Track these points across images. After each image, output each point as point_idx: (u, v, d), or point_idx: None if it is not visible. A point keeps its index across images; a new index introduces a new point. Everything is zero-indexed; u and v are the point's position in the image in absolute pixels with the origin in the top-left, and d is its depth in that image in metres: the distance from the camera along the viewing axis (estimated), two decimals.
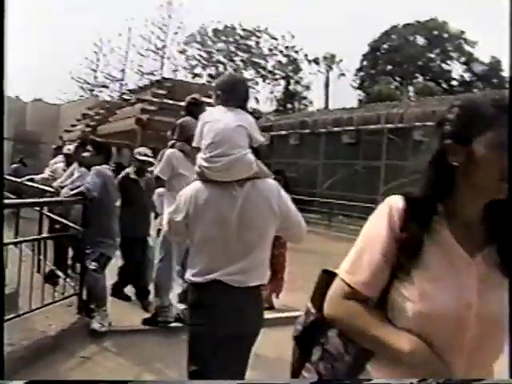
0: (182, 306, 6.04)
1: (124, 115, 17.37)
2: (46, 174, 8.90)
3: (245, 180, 3.02)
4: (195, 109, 6.25)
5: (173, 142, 6.00)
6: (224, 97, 3.21)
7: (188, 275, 3.06)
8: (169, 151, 5.91)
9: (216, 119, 3.10)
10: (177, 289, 6.08)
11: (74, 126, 23.17)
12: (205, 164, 3.02)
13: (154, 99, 15.92)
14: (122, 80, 44.50)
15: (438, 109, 18.97)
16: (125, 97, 26.90)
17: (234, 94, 3.22)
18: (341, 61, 51.62)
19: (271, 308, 7.40)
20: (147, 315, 6.08)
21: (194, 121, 6.10)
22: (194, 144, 3.22)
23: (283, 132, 25.66)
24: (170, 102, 15.62)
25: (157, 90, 16.92)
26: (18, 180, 9.29)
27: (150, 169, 7.06)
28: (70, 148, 7.87)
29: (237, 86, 3.31)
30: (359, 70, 52.41)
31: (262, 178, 3.09)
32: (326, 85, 51.31)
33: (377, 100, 27.95)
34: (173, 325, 5.94)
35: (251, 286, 2.98)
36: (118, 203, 6.51)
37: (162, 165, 5.85)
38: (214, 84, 3.46)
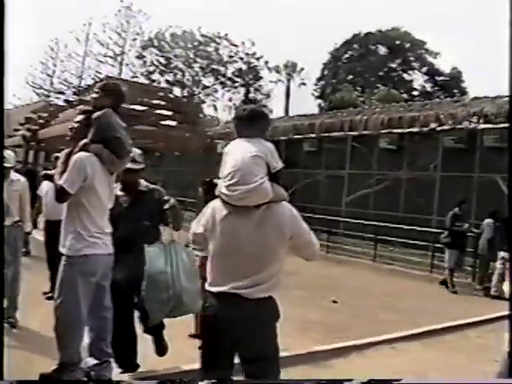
0: (92, 361, 4.58)
1: (65, 118, 15.77)
2: None
3: (261, 204, 3.29)
4: (117, 99, 4.82)
5: (84, 142, 4.49)
6: (243, 128, 3.45)
7: (208, 285, 3.40)
8: (82, 155, 4.40)
9: (235, 150, 3.36)
10: (86, 337, 4.59)
11: (16, 130, 21.52)
12: (225, 191, 3.29)
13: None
14: (80, 86, 42.79)
15: (405, 115, 17.95)
16: (68, 99, 25.50)
17: (252, 126, 3.44)
18: (302, 69, 51.14)
19: None
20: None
21: (116, 117, 4.61)
22: (220, 175, 3.40)
23: None
24: None
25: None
26: None
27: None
28: None
29: (255, 119, 3.50)
30: (320, 78, 51.80)
31: (277, 202, 3.36)
32: (287, 93, 50.72)
33: (339, 107, 26.82)
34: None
35: (260, 297, 3.28)
36: None
37: (70, 173, 4.32)
38: (232, 116, 3.75)
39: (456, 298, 11.54)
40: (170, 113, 16.30)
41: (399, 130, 17.77)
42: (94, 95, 4.77)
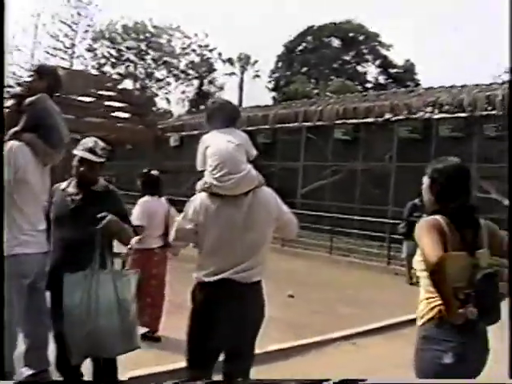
0: (28, 372, 4.12)
1: None
2: None
3: (248, 191, 3.54)
4: (54, 84, 4.39)
5: (15, 130, 4.04)
6: (216, 121, 3.69)
7: (199, 275, 3.53)
8: (13, 144, 3.96)
9: (217, 142, 3.55)
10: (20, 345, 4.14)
11: None
12: (216, 183, 3.45)
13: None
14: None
15: (359, 105, 17.78)
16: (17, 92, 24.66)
17: (224, 117, 3.68)
18: (256, 62, 50.85)
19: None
20: None
21: (51, 103, 4.16)
22: (198, 167, 3.61)
23: (195, 132, 23.84)
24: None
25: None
26: None
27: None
28: None
29: (225, 110, 3.76)
30: (274, 71, 51.51)
31: (260, 187, 3.63)
32: (240, 86, 50.32)
33: (293, 99, 26.56)
34: None
35: (254, 281, 3.56)
36: None
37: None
38: (204, 112, 3.94)
39: (414, 288, 11.35)
40: (120, 104, 15.78)
41: (354, 121, 17.58)
42: (28, 79, 4.38)
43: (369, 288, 10.97)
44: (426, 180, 3.32)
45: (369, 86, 48.09)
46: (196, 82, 50.94)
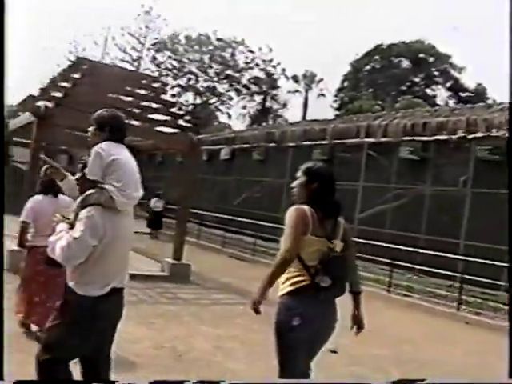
0: None
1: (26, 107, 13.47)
2: None
3: None
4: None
5: None
6: (112, 133, 3.52)
7: (87, 290, 3.40)
8: None
9: (123, 156, 3.48)
10: None
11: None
12: (123, 200, 3.40)
13: (64, 84, 11.96)
14: None
15: (430, 121, 15.52)
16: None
17: (121, 131, 3.59)
18: (321, 80, 49.49)
19: None
20: None
21: None
22: (93, 177, 3.40)
23: (246, 145, 22.05)
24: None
25: (71, 73, 12.92)
26: None
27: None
28: None
29: (122, 123, 3.64)
30: (340, 90, 49.78)
31: None
32: (304, 104, 49.02)
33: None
34: None
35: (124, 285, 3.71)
36: None
37: None
38: (96, 121, 3.58)
39: (495, 344, 8.93)
40: (156, 105, 13.94)
41: (423, 138, 15.34)
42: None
43: (435, 342, 8.53)
44: (302, 178, 3.92)
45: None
46: (258, 98, 49.68)
